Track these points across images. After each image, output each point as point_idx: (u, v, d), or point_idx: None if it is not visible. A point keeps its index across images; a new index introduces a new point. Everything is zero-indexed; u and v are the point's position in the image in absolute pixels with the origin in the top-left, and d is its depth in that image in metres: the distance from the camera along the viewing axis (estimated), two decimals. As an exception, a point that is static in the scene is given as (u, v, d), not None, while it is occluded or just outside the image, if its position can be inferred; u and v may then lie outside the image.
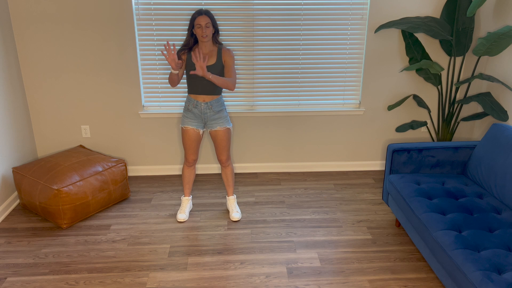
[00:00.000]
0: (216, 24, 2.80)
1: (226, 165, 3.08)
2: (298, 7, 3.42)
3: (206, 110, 2.88)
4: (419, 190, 2.62)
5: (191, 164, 3.06)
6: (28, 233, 2.93)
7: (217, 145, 2.98)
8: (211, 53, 2.82)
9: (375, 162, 3.97)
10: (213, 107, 2.87)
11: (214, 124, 2.92)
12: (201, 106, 2.86)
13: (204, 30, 2.71)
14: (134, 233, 2.94)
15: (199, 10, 2.73)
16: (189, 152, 2.99)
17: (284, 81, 3.64)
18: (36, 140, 3.68)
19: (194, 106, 2.87)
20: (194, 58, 2.62)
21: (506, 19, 3.12)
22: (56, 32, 3.35)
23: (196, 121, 2.91)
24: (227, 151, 3.02)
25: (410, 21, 3.34)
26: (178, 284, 2.43)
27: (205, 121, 2.92)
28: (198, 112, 2.88)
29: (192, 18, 2.73)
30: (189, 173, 3.11)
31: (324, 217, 3.13)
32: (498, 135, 2.67)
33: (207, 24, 2.71)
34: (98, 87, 3.54)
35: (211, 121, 2.92)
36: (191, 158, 3.01)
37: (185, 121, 2.92)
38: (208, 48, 2.82)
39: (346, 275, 2.50)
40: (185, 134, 2.93)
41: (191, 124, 2.91)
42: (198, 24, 2.70)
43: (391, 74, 3.66)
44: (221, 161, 3.05)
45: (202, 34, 2.71)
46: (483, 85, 3.39)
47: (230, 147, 2.98)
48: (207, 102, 2.86)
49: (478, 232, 2.18)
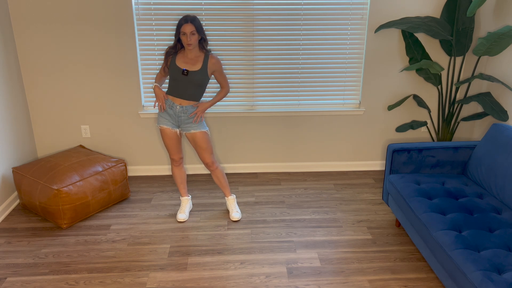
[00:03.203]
0: (203, 32, 2.75)
1: (213, 168, 3.03)
2: (298, 7, 3.42)
3: (181, 114, 2.86)
4: (419, 190, 2.62)
5: (178, 163, 3.05)
6: (28, 233, 2.93)
7: (197, 148, 2.95)
8: (196, 59, 2.80)
9: (375, 162, 3.97)
10: (188, 112, 2.86)
11: (188, 128, 2.89)
12: (176, 108, 2.85)
13: (189, 38, 2.68)
14: (134, 233, 2.94)
15: (186, 17, 2.68)
16: (172, 152, 2.98)
17: (284, 81, 3.64)
18: (36, 140, 3.68)
19: (170, 107, 2.85)
20: (195, 119, 2.85)
21: (506, 19, 3.12)
22: (56, 32, 3.35)
23: (170, 121, 2.89)
24: (210, 154, 2.96)
25: (410, 21, 3.34)
26: (178, 284, 2.43)
27: (179, 124, 2.90)
28: (172, 113, 2.87)
29: (178, 25, 2.69)
30: (179, 173, 3.09)
31: (324, 217, 3.13)
32: (498, 135, 2.67)
33: (192, 32, 2.67)
34: (98, 87, 3.54)
35: (185, 125, 2.89)
36: (176, 157, 3.00)
37: (160, 120, 2.91)
38: (194, 54, 2.80)
39: (346, 275, 2.50)
40: (163, 133, 2.92)
41: (166, 124, 2.89)
42: (183, 32, 2.67)
43: (391, 74, 3.66)
44: (207, 164, 3.01)
45: (187, 42, 2.69)
46: (483, 85, 3.39)
47: (212, 149, 2.96)
48: (182, 106, 2.84)
49: (478, 232, 2.18)
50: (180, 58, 2.80)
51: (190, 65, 2.78)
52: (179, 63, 2.79)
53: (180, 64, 2.78)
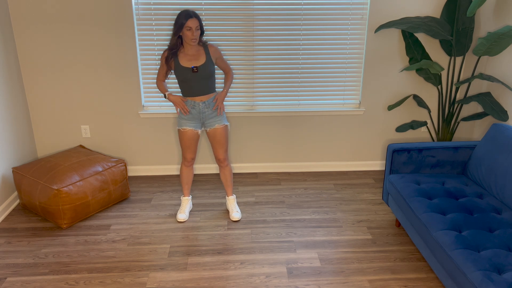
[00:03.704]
0: (203, 26, 2.79)
1: (225, 164, 3.07)
2: (298, 7, 3.42)
3: (205, 109, 2.88)
4: (419, 190, 2.62)
5: (190, 164, 3.06)
6: (28, 233, 2.93)
7: (216, 143, 2.98)
8: (198, 53, 2.80)
9: (375, 162, 3.97)
10: (211, 106, 2.88)
11: (212, 123, 2.92)
12: (199, 106, 2.86)
13: (194, 33, 2.69)
14: (134, 233, 2.94)
15: (188, 13, 2.67)
16: (188, 151, 2.98)
17: (284, 81, 3.64)
18: (36, 140, 3.68)
19: (192, 107, 2.86)
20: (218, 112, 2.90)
21: (506, 19, 3.12)
22: (56, 32, 3.35)
23: (194, 122, 2.91)
24: (226, 150, 3.01)
25: (410, 21, 3.34)
26: (178, 284, 2.43)
27: (203, 121, 2.92)
28: (196, 112, 2.88)
29: (181, 21, 2.66)
30: (188, 173, 3.10)
31: (324, 217, 3.13)
32: (498, 135, 2.67)
33: (197, 27, 2.68)
34: (98, 87, 3.54)
35: (209, 119, 2.91)
36: (189, 157, 3.00)
37: (183, 123, 2.91)
38: (195, 49, 2.80)
39: (346, 275, 2.50)
40: (184, 135, 2.92)
41: (189, 125, 2.90)
42: (188, 27, 2.66)
43: (391, 74, 3.66)
44: (219, 160, 3.04)
45: (191, 37, 2.69)
46: (483, 85, 3.39)
47: (228, 145, 2.98)
48: (204, 102, 2.86)
49: (478, 232, 2.18)
50: (183, 58, 2.79)
51: (195, 61, 2.78)
52: (184, 63, 2.78)
53: (185, 64, 2.77)
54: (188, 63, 2.77)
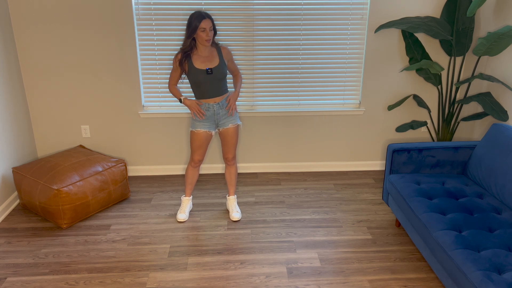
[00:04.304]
0: (215, 26, 2.78)
1: (232, 163, 3.08)
2: (298, 7, 3.42)
3: (219, 110, 2.88)
4: (419, 190, 2.62)
5: (197, 165, 3.06)
6: (28, 233, 2.93)
7: (227, 142, 2.98)
8: (211, 55, 2.80)
9: (375, 162, 3.97)
10: (224, 106, 2.89)
11: (226, 122, 2.93)
12: (214, 107, 2.86)
13: (209, 34, 2.68)
14: (134, 233, 2.94)
15: (200, 14, 2.65)
16: (198, 153, 2.98)
17: (284, 81, 3.64)
18: (36, 140, 3.68)
19: (206, 109, 2.86)
20: (230, 112, 2.90)
21: (506, 19, 3.12)
22: (56, 32, 3.35)
23: (208, 124, 2.91)
24: (235, 149, 3.03)
25: (410, 21, 3.34)
26: (178, 284, 2.43)
27: (218, 122, 2.92)
28: (211, 114, 2.88)
29: (194, 23, 2.64)
30: (193, 174, 3.10)
31: (324, 217, 3.13)
32: (498, 135, 2.67)
33: (211, 27, 2.68)
34: (98, 87, 3.54)
35: (223, 120, 2.92)
36: (197, 159, 3.00)
37: (197, 125, 2.90)
38: (208, 50, 2.79)
39: (346, 275, 2.50)
40: (196, 137, 2.91)
41: (203, 127, 2.90)
42: (203, 27, 2.64)
43: (391, 74, 3.66)
44: (227, 159, 3.05)
45: (206, 38, 2.67)
46: (483, 85, 3.39)
47: (237, 144, 3.00)
48: (218, 103, 2.86)
49: (478, 232, 2.18)
50: (196, 60, 2.77)
51: (209, 63, 2.78)
52: (198, 65, 2.76)
53: (200, 66, 2.76)
54: (202, 65, 2.76)
